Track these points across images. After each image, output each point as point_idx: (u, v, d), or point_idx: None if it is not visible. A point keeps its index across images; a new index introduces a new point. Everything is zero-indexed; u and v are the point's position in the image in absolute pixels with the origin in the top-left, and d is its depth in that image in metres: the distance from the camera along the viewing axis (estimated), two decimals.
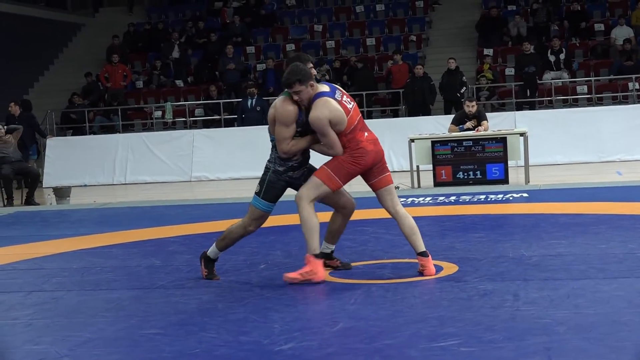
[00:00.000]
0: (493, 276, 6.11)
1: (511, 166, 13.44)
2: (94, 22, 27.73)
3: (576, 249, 6.99)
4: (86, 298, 6.19)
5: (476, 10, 24.02)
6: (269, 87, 21.26)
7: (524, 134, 13.17)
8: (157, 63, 23.27)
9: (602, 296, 5.35)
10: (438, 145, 13.10)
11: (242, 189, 15.07)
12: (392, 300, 5.58)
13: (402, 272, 6.41)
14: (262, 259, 7.34)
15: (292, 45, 23.52)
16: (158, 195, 15.11)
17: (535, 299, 5.37)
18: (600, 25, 22.12)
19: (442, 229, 8.61)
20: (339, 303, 5.60)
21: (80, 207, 13.18)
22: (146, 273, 7.05)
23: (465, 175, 12.96)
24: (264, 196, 6.51)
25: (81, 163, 18.27)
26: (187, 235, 9.14)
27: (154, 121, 21.50)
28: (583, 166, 15.86)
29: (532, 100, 19.69)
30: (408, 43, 23.19)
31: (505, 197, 10.99)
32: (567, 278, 5.92)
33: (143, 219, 11.00)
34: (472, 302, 5.39)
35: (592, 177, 13.62)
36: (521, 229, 8.48)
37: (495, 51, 21.78)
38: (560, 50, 20.22)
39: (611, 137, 16.37)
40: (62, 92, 23.42)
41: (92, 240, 9.15)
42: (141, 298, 6.08)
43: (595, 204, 9.88)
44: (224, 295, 5.99)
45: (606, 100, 19.97)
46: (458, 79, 19.01)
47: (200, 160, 17.90)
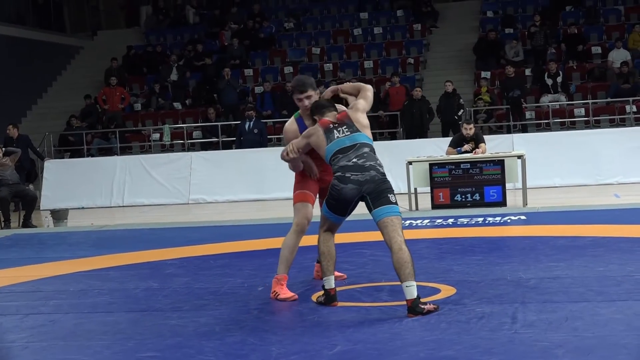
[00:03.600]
0: (491, 299, 6.10)
1: (509, 189, 13.45)
2: (93, 44, 27.78)
3: (574, 272, 6.98)
4: (83, 321, 6.17)
5: (474, 34, 24.10)
6: (267, 109, 21.30)
7: (522, 156, 13.18)
8: (156, 86, 23.30)
9: (601, 319, 5.35)
10: (436, 167, 13.12)
11: (240, 212, 15.08)
12: (390, 323, 5.57)
13: (400, 294, 6.39)
14: (260, 282, 7.32)
15: (290, 67, 23.58)
16: (156, 218, 15.10)
17: (534, 321, 5.36)
18: (597, 48, 22.18)
19: (440, 252, 8.59)
20: (337, 326, 5.58)
21: (78, 229, 13.15)
22: (143, 296, 7.03)
23: (463, 198, 12.97)
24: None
25: (79, 185, 18.24)
26: (185, 258, 9.12)
27: (152, 143, 21.50)
28: (581, 189, 15.86)
29: (524, 123, 19.74)
30: (406, 66, 23.25)
31: (503, 220, 10.98)
32: (565, 301, 5.91)
33: (140, 241, 10.98)
34: (470, 324, 5.38)
35: (590, 200, 13.62)
36: (519, 251, 8.48)
37: (492, 74, 21.82)
38: (557, 73, 20.28)
39: (609, 160, 16.38)
40: (60, 115, 23.43)
41: (90, 262, 9.13)
42: (138, 321, 6.07)
43: (593, 227, 9.87)
44: (222, 318, 5.98)
45: (603, 123, 19.99)
46: (455, 101, 19.05)
47: (198, 183, 17.89)
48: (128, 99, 22.73)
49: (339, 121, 6.28)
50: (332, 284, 6.16)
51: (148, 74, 24.52)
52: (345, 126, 6.23)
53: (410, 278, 5.72)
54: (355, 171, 5.97)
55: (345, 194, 5.97)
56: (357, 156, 6.05)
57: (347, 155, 6.06)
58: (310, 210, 6.69)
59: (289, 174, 18.48)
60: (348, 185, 5.96)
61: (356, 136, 6.18)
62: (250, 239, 10.44)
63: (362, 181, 5.95)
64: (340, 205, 6.05)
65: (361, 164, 6.00)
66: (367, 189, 5.95)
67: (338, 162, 6.06)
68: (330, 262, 6.16)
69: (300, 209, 6.67)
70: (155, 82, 23.44)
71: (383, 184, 5.98)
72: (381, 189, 5.96)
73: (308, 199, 6.71)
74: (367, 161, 6.03)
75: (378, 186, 5.96)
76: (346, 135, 6.17)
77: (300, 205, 6.68)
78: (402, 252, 5.78)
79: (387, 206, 5.92)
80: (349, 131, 6.19)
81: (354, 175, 5.96)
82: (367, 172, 5.97)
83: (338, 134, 6.18)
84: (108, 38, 27.81)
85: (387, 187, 5.99)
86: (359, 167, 5.99)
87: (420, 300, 5.70)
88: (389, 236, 5.88)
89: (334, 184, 6.03)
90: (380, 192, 5.95)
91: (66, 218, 14.31)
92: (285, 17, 26.18)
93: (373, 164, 6.04)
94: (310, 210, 6.69)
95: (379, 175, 5.99)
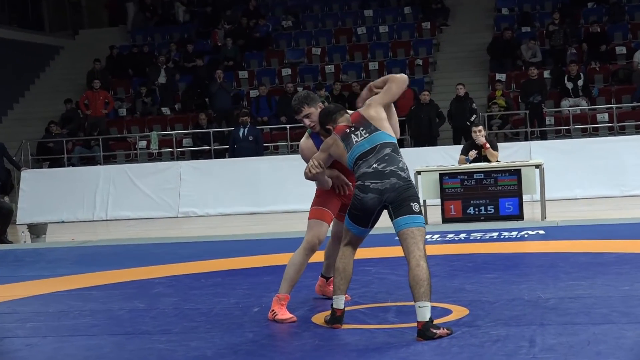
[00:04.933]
0: (507, 320, 6.10)
1: (526, 201, 13.46)
2: (74, 44, 27.83)
3: (597, 291, 6.98)
4: (63, 345, 6.17)
5: (488, 33, 24.15)
6: (263, 115, 21.33)
7: (540, 165, 13.19)
8: (142, 89, 23.33)
9: (626, 342, 5.35)
10: (446, 178, 13.12)
11: (234, 226, 15.09)
12: (397, 346, 5.57)
13: (408, 316, 6.40)
14: (255, 302, 7.32)
15: (288, 69, 23.62)
16: (142, 233, 15.10)
17: (553, 345, 5.36)
18: (622, 48, 22.21)
19: (452, 269, 8.59)
20: (340, 350, 5.58)
21: (57, 245, 13.15)
22: (129, 317, 7.03)
23: (477, 211, 12.97)
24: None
25: (58, 197, 18.24)
26: (174, 276, 9.13)
27: (138, 152, 21.52)
28: (604, 201, 15.87)
29: (543, 130, 19.77)
30: (414, 67, 23.27)
31: (519, 235, 10.99)
32: (587, 322, 5.91)
33: (126, 258, 10.98)
34: (484, 348, 5.38)
35: (614, 213, 13.63)
36: (537, 269, 8.48)
37: (508, 76, 21.86)
38: (578, 76, 20.29)
39: (635, 169, 16.39)
40: (38, 121, 23.46)
41: (70, 281, 9.13)
42: (123, 345, 6.07)
43: (617, 242, 9.87)
44: (214, 342, 5.98)
45: (629, 129, 20.01)
46: (468, 106, 19.06)
47: (188, 195, 17.89)
48: (112, 104, 22.76)
49: (355, 123, 6.24)
50: (341, 304, 6.17)
51: (134, 76, 24.56)
52: (362, 127, 6.19)
53: (424, 298, 5.71)
54: (375, 179, 5.97)
55: (366, 204, 6.00)
56: (377, 160, 6.03)
57: (368, 160, 6.06)
58: (325, 229, 6.70)
59: (286, 185, 18.41)
60: (368, 195, 5.97)
61: (375, 137, 6.14)
62: (244, 256, 10.44)
63: (382, 190, 5.94)
64: (363, 215, 6.08)
65: (381, 170, 5.99)
66: (389, 197, 5.95)
67: (359, 170, 6.09)
68: (343, 280, 6.19)
69: (314, 226, 6.67)
70: (142, 86, 23.46)
71: (405, 192, 5.96)
72: (403, 197, 5.94)
73: (325, 216, 6.70)
74: (388, 166, 6.01)
75: (400, 194, 5.95)
76: (365, 138, 6.14)
77: (314, 223, 6.68)
78: (420, 268, 5.79)
79: (408, 216, 5.91)
80: (367, 132, 6.16)
81: (373, 184, 5.96)
82: (387, 180, 5.96)
83: (356, 137, 6.16)
84: (90, 37, 27.88)
85: (410, 194, 5.97)
86: (379, 174, 5.98)
87: (432, 324, 5.70)
88: (407, 250, 5.89)
89: (356, 194, 6.07)
90: (402, 201, 5.94)
91: (45, 233, 14.31)
92: (283, 15, 26.23)
93: (394, 169, 6.00)
94: (325, 229, 6.70)
95: (400, 182, 5.96)
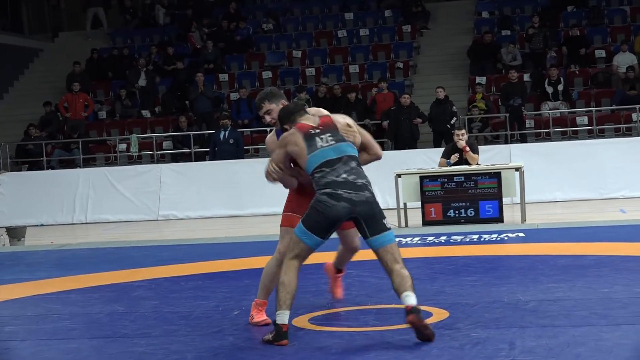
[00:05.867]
0: (487, 323, 6.11)
1: (506, 203, 13.49)
2: (53, 47, 27.73)
3: (577, 294, 7.00)
4: (42, 348, 6.14)
5: (468, 36, 24.20)
6: (244, 117, 21.30)
7: (520, 168, 13.22)
8: (122, 92, 23.26)
9: (605, 345, 5.36)
10: (427, 180, 13.14)
11: (214, 229, 15.05)
12: (377, 349, 5.57)
13: (387, 318, 6.40)
14: (235, 305, 7.31)
15: (268, 72, 23.60)
16: (122, 236, 15.05)
17: (533, 347, 5.37)
18: (601, 51, 22.32)
19: (432, 272, 8.61)
20: (320, 353, 5.58)
21: (36, 248, 13.10)
22: (108, 321, 7.01)
23: (457, 214, 12.99)
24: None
25: (38, 200, 18.17)
26: (154, 279, 9.10)
27: (118, 155, 21.45)
28: (584, 203, 15.93)
29: (523, 133, 19.84)
30: (394, 70, 23.30)
31: (499, 237, 11.02)
32: (567, 325, 5.93)
33: (105, 261, 10.95)
34: (464, 351, 5.39)
35: (594, 216, 13.68)
36: (517, 271, 8.50)
37: (488, 79, 21.93)
38: (558, 80, 20.37)
39: (614, 172, 16.47)
40: (17, 123, 23.36)
41: (49, 285, 9.09)
42: (102, 348, 6.04)
43: (597, 245, 9.92)
44: (194, 345, 5.96)
45: (608, 132, 20.10)
46: (448, 109, 19.12)
47: (169, 198, 17.85)
48: (92, 107, 22.68)
49: (322, 126, 6.09)
50: (286, 319, 5.81)
51: (114, 79, 24.49)
52: (328, 133, 6.05)
53: (410, 289, 5.75)
54: (349, 189, 5.85)
55: (335, 212, 5.82)
56: (346, 171, 5.91)
57: (335, 169, 5.91)
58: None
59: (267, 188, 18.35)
60: (341, 203, 5.82)
61: (342, 147, 6.01)
62: (224, 259, 10.43)
63: (356, 201, 5.84)
64: (326, 224, 5.86)
65: (352, 181, 5.88)
66: (362, 211, 5.85)
67: (325, 177, 5.89)
68: (289, 295, 5.83)
69: (284, 235, 6.45)
70: (122, 88, 23.40)
71: (376, 206, 5.92)
72: (375, 212, 5.89)
73: (295, 223, 6.39)
74: (359, 179, 5.92)
75: (372, 209, 5.88)
76: (330, 145, 5.98)
77: (284, 231, 6.47)
78: (403, 270, 5.85)
79: (384, 234, 5.88)
80: (333, 140, 6.01)
81: (347, 193, 5.84)
82: (361, 192, 5.86)
83: (321, 142, 5.99)
84: (70, 40, 27.79)
85: (379, 209, 5.95)
86: (352, 185, 5.87)
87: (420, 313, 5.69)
88: (389, 267, 5.86)
89: (323, 200, 5.84)
90: (375, 217, 5.88)
91: (24, 236, 14.24)
92: (264, 18, 26.20)
93: (365, 182, 5.94)
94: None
95: (372, 197, 5.92)
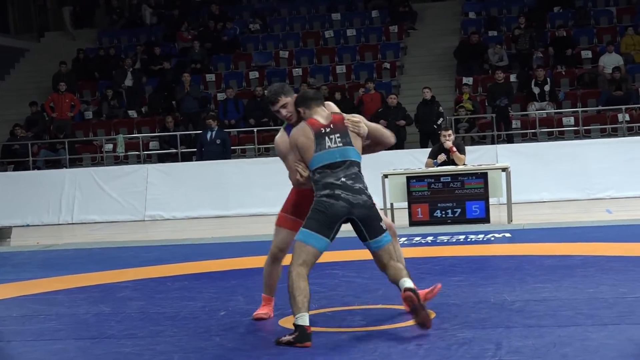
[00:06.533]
0: (473, 323, 6.12)
1: (492, 204, 13.52)
2: (40, 47, 27.65)
3: (563, 294, 7.02)
4: (27, 349, 6.13)
5: (455, 36, 24.24)
6: (231, 118, 21.29)
7: (506, 169, 13.25)
8: (109, 92, 23.21)
9: (591, 345, 5.38)
10: (414, 181, 13.16)
11: (201, 229, 15.04)
12: (364, 349, 5.57)
13: (374, 319, 6.41)
14: (222, 305, 7.31)
15: (255, 72, 23.59)
16: (108, 236, 15.02)
17: (519, 347, 5.38)
18: (587, 52, 22.39)
19: (419, 272, 8.58)
20: (306, 353, 5.58)
21: (22, 249, 13.06)
22: (94, 321, 6.99)
23: (443, 214, 13.01)
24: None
25: (23, 201, 18.12)
26: (140, 280, 9.09)
27: (105, 155, 21.40)
28: (570, 204, 15.97)
29: (510, 134, 19.90)
30: (381, 71, 23.33)
31: (486, 238, 11.04)
32: (553, 325, 5.94)
33: (91, 262, 10.93)
34: (450, 351, 5.40)
35: (580, 216, 13.72)
36: (503, 271, 8.52)
37: (475, 80, 21.97)
38: (545, 81, 20.41)
39: (600, 173, 16.51)
40: (3, 124, 23.28)
41: (35, 285, 9.07)
42: (88, 349, 6.03)
43: (583, 245, 9.95)
44: (180, 345, 5.96)
45: (594, 132, 20.15)
46: (435, 109, 19.14)
47: (155, 198, 17.82)
48: (78, 107, 22.62)
49: (333, 126, 6.10)
50: (307, 320, 5.78)
51: (100, 79, 24.43)
52: (338, 134, 6.07)
53: (406, 277, 5.92)
54: (346, 191, 5.94)
55: (335, 210, 5.90)
56: (345, 176, 5.98)
57: (336, 173, 5.98)
58: (285, 237, 6.48)
59: (253, 189, 18.26)
60: (339, 202, 5.91)
61: (348, 151, 6.06)
62: (211, 259, 10.42)
63: (354, 203, 5.93)
64: (329, 222, 5.91)
65: (350, 185, 5.97)
66: (360, 214, 5.96)
67: (325, 178, 5.97)
68: (305, 298, 5.82)
69: (276, 233, 6.55)
70: (108, 88, 23.34)
71: (373, 210, 6.02)
72: (373, 216, 6.00)
73: (287, 223, 6.48)
74: (356, 183, 6.00)
75: (369, 213, 5.99)
76: (338, 147, 6.03)
77: (276, 230, 6.56)
78: (398, 263, 6.09)
79: (381, 236, 6.04)
80: (341, 142, 6.05)
81: (345, 194, 5.93)
82: (358, 196, 5.96)
83: (330, 142, 6.04)
84: (56, 40, 27.70)
85: (377, 213, 6.06)
86: (349, 188, 5.96)
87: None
88: (385, 264, 6.05)
89: (322, 201, 5.93)
90: (372, 220, 6.00)
91: (9, 237, 14.21)
92: (251, 18, 26.19)
93: (362, 187, 6.01)
94: (285, 237, 6.48)
95: (370, 201, 6.01)
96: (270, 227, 7.07)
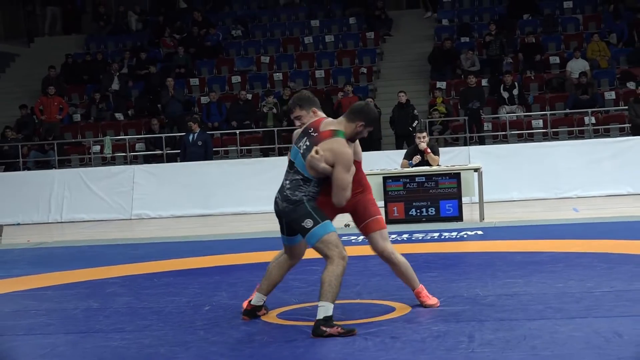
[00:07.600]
0: (447, 317, 6.14)
1: (465, 203, 13.55)
2: (29, 52, 27.50)
3: (532, 288, 7.05)
4: (18, 344, 6.10)
5: (428, 42, 24.30)
6: (214, 120, 21.25)
7: (478, 169, 13.30)
8: (96, 95, 23.12)
9: (560, 337, 5.41)
10: (390, 181, 13.18)
11: (185, 227, 15.01)
12: (343, 342, 5.57)
13: (352, 313, 6.41)
14: (206, 301, 7.29)
15: (237, 77, 23.56)
16: (96, 234, 14.97)
17: (491, 340, 5.40)
18: (555, 58, 22.49)
19: None
20: (287, 347, 5.58)
21: (13, 246, 12.99)
22: (83, 316, 6.97)
23: (418, 212, 13.04)
24: (322, 219, 5.99)
25: (14, 200, 18.03)
26: (127, 276, 9.06)
27: (92, 156, 21.32)
28: (539, 203, 16.04)
29: (481, 136, 19.96)
30: (358, 75, 23.35)
31: (459, 235, 11.07)
32: (523, 318, 5.97)
33: (80, 259, 10.88)
34: (425, 344, 5.41)
35: (548, 214, 13.77)
36: (476, 267, 8.54)
37: (448, 84, 22.02)
38: (513, 86, 20.49)
39: (567, 173, 16.60)
40: None
41: (26, 282, 9.02)
42: (78, 343, 6.01)
43: (551, 242, 9.99)
44: (166, 339, 5.94)
45: (562, 134, 20.24)
46: (409, 112, 19.20)
47: (141, 197, 17.77)
48: (67, 109, 22.53)
49: (311, 130, 6.09)
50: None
51: (88, 83, 24.33)
52: (309, 141, 6.04)
53: (322, 298, 5.84)
54: (279, 192, 6.14)
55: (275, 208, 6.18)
56: (288, 179, 6.11)
57: (287, 172, 6.15)
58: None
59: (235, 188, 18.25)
60: (275, 201, 6.16)
61: (301, 160, 6.04)
62: (195, 256, 10.39)
63: (278, 204, 6.13)
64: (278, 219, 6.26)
65: (283, 186, 6.12)
66: (283, 215, 6.13)
67: (285, 175, 6.19)
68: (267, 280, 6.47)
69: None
70: (96, 92, 23.25)
71: (291, 216, 6.04)
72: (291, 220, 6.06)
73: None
74: (287, 188, 6.07)
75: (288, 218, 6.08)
76: (300, 152, 6.05)
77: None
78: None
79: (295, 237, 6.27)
80: (305, 149, 6.02)
81: (277, 194, 6.15)
82: (280, 200, 6.11)
83: (301, 143, 6.10)
84: (45, 45, 27.55)
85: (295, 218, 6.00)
86: (282, 189, 6.13)
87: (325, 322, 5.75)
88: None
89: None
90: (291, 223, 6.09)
91: (0, 235, 14.12)
92: (233, 25, 26.14)
93: (288, 194, 6.03)
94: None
95: (287, 208, 6.04)
96: (251, 226, 7.07)
